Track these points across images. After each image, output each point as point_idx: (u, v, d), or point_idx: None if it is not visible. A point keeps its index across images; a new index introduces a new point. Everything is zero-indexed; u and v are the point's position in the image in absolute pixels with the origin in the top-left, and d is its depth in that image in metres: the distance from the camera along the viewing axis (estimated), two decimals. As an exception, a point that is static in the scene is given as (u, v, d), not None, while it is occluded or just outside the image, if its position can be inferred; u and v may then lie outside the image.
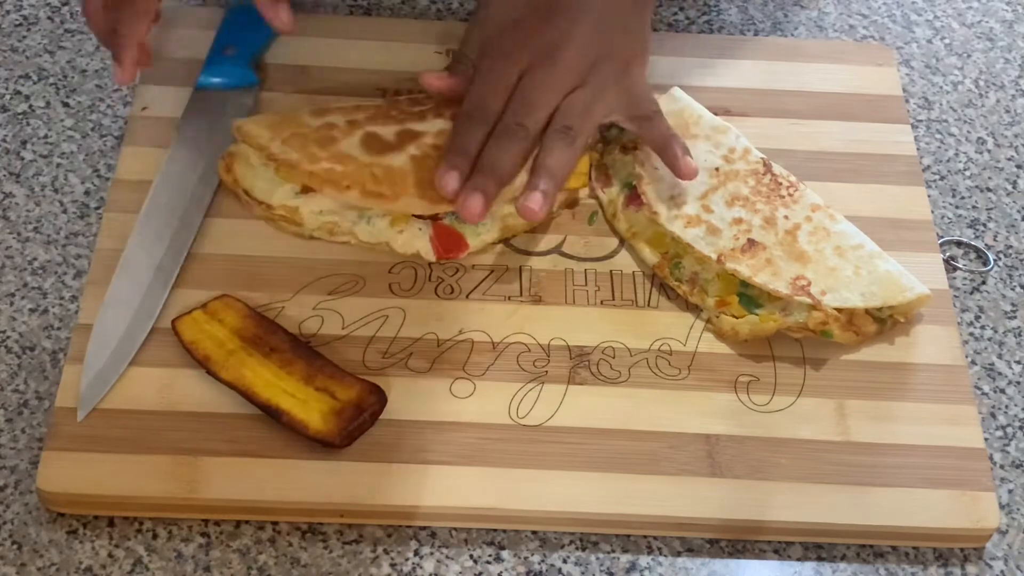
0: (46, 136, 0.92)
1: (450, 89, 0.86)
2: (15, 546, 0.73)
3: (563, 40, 0.84)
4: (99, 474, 0.73)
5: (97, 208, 0.88)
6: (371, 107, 0.86)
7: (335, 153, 0.82)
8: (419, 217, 0.83)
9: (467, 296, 0.83)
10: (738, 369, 0.81)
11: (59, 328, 0.82)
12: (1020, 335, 0.86)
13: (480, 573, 0.74)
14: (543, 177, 0.81)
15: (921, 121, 0.98)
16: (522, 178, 0.82)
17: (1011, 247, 0.91)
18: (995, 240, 0.91)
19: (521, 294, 0.83)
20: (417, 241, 0.83)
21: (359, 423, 0.75)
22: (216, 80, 0.91)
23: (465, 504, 0.74)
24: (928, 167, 0.95)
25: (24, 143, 0.91)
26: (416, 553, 0.74)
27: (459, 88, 0.86)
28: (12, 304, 0.83)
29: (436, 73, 0.88)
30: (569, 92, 0.84)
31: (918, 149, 0.94)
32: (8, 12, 1.00)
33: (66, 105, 0.94)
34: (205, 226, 0.84)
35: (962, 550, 0.76)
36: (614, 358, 0.81)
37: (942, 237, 0.90)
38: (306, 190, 0.82)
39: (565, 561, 0.74)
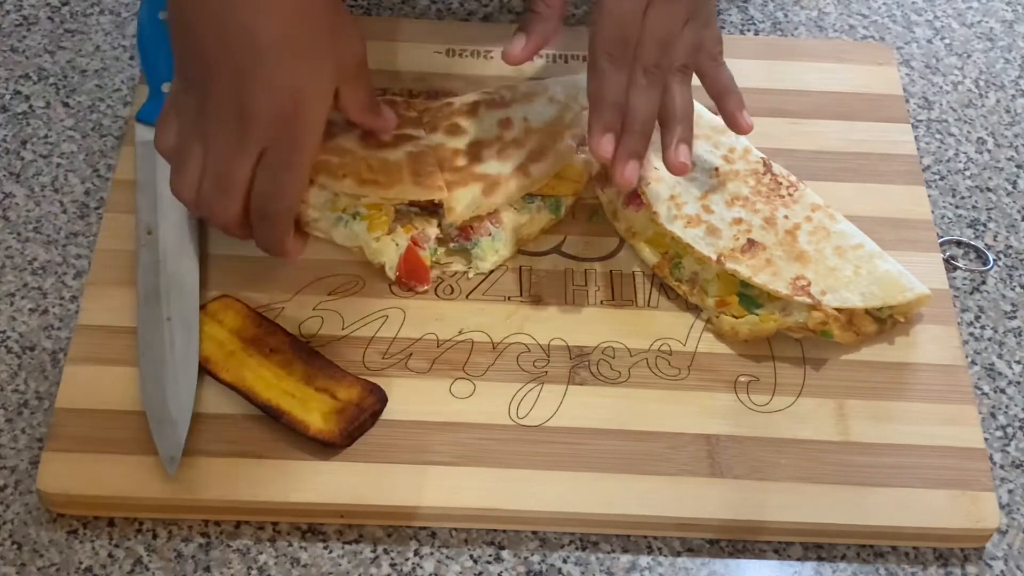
0: (46, 136, 0.92)
1: (542, 47, 0.82)
2: (15, 546, 0.73)
3: None
4: (99, 474, 0.73)
5: (97, 208, 0.88)
6: None
7: (332, 147, 0.82)
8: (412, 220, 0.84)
9: (467, 296, 0.83)
10: (738, 369, 0.81)
11: (59, 328, 0.82)
12: (1020, 335, 0.86)
13: (480, 573, 0.74)
14: (682, 124, 0.79)
15: (921, 121, 0.98)
16: (520, 181, 0.83)
17: (1011, 247, 0.91)
18: (995, 240, 0.91)
19: (521, 294, 0.83)
20: (387, 254, 0.82)
21: (359, 423, 0.75)
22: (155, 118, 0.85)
23: (465, 504, 0.74)
24: (928, 167, 0.95)
25: (24, 143, 0.91)
26: (416, 553, 0.74)
27: (551, 40, 0.81)
28: (12, 304, 0.83)
29: (515, 44, 0.81)
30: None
31: (918, 149, 0.94)
32: (8, 12, 1.00)
33: (66, 105, 0.94)
34: (205, 227, 0.84)
35: (962, 550, 0.76)
36: (614, 358, 0.81)
37: (942, 237, 0.90)
38: None
39: (565, 561, 0.74)
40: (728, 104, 0.83)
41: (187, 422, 0.74)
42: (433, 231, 0.83)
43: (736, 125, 0.83)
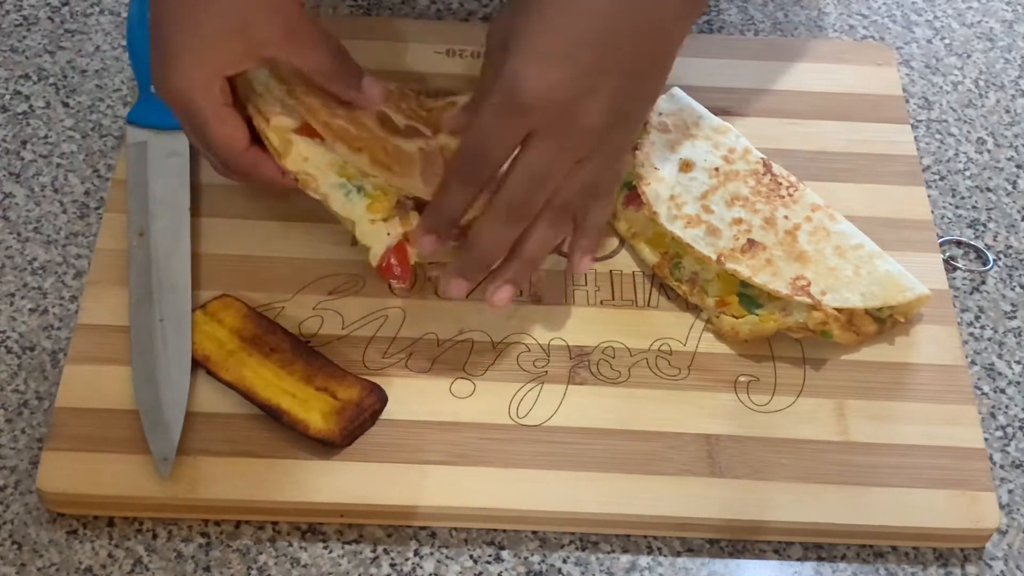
0: (46, 136, 0.92)
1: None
2: (15, 546, 0.73)
3: (586, 100, 0.69)
4: (99, 474, 0.73)
5: (97, 208, 0.88)
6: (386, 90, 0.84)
7: (353, 118, 0.80)
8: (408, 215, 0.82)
9: (467, 296, 0.83)
10: (738, 369, 0.81)
11: (59, 328, 0.82)
12: (1020, 335, 0.86)
13: (480, 573, 0.74)
14: (519, 264, 0.76)
15: (921, 121, 0.98)
16: None
17: (1011, 247, 0.91)
18: (995, 240, 0.91)
19: (521, 294, 0.83)
20: (376, 239, 0.80)
21: (359, 423, 0.75)
22: (145, 119, 0.88)
23: (465, 504, 0.74)
24: (928, 167, 0.95)
25: (24, 143, 0.91)
26: (416, 553, 0.74)
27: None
28: (12, 304, 0.83)
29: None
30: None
31: (918, 149, 0.94)
32: (8, 12, 1.00)
33: (66, 105, 0.94)
34: (205, 226, 0.85)
35: (962, 550, 0.76)
36: (614, 358, 0.81)
37: (942, 237, 0.90)
38: (303, 133, 0.80)
39: (565, 561, 0.74)
40: (575, 247, 0.78)
41: (180, 423, 0.74)
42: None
43: (571, 266, 0.79)
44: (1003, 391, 0.84)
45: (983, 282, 0.89)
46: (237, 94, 0.78)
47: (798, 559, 0.75)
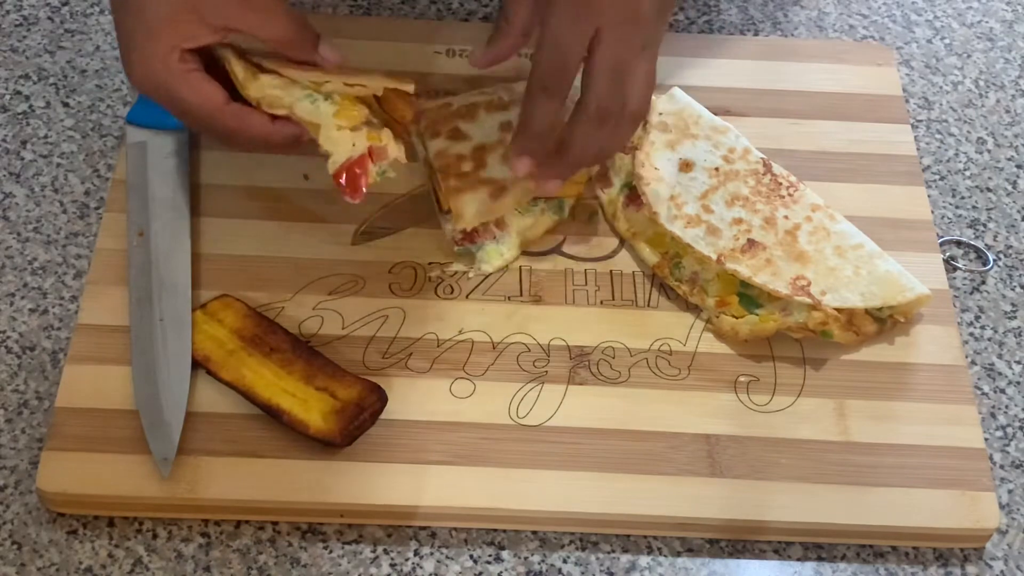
0: (46, 136, 0.92)
1: (501, 60, 0.82)
2: (15, 546, 0.73)
3: None
4: (99, 474, 0.73)
5: (97, 208, 0.88)
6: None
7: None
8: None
9: (467, 296, 0.83)
10: (738, 369, 0.81)
11: (59, 328, 0.82)
12: (1020, 335, 0.86)
13: (480, 573, 0.74)
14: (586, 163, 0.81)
15: (921, 121, 0.98)
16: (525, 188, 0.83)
17: (1011, 247, 0.91)
18: (995, 240, 0.91)
19: (521, 294, 0.83)
20: (339, 147, 0.77)
21: (359, 422, 0.75)
22: (144, 119, 0.89)
23: (465, 504, 0.74)
24: (928, 167, 0.95)
25: (24, 143, 0.91)
26: (416, 553, 0.74)
27: (509, 55, 0.82)
28: (12, 304, 0.83)
29: (482, 51, 0.82)
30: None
31: (918, 149, 0.94)
32: (8, 12, 1.00)
33: (66, 105, 0.94)
34: (205, 226, 0.85)
35: (962, 550, 0.76)
36: (614, 358, 0.81)
37: (942, 237, 0.90)
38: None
39: (565, 561, 0.74)
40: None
41: (180, 423, 0.74)
42: (395, 153, 0.78)
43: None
44: (1003, 391, 0.84)
45: (983, 282, 0.89)
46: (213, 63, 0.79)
47: (798, 559, 0.75)
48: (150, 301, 0.79)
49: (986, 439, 0.80)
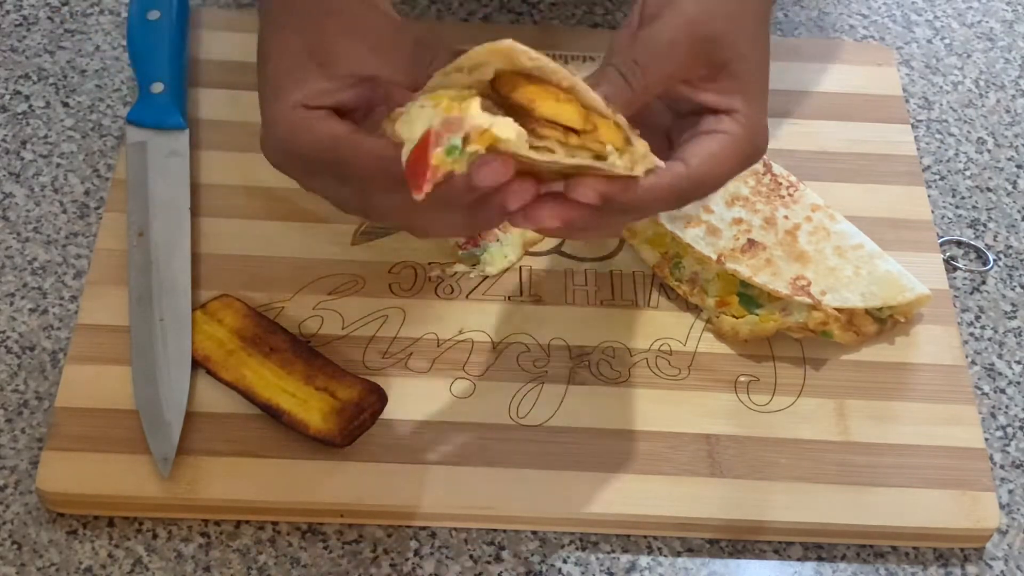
0: (46, 136, 0.92)
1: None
2: (15, 546, 0.73)
3: None
4: (99, 474, 0.73)
5: (97, 208, 0.88)
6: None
7: None
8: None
9: (467, 296, 0.83)
10: (738, 369, 0.81)
11: (59, 328, 0.82)
12: (1020, 335, 0.86)
13: (480, 573, 0.74)
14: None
15: (921, 121, 0.98)
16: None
17: (1011, 247, 0.91)
18: (995, 240, 0.91)
19: (521, 294, 0.83)
20: (416, 126, 0.56)
21: (359, 422, 0.75)
22: (144, 119, 0.88)
23: (465, 504, 0.74)
24: (928, 167, 0.95)
25: (24, 143, 0.91)
26: (416, 553, 0.74)
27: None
28: (12, 304, 0.83)
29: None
30: None
31: (918, 149, 0.94)
32: (8, 12, 1.00)
33: (66, 105, 0.94)
34: (205, 226, 0.84)
35: (962, 550, 0.76)
36: (614, 358, 0.81)
37: (942, 237, 0.90)
38: None
39: (565, 561, 0.74)
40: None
41: (180, 423, 0.74)
42: (478, 121, 0.55)
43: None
44: (1003, 391, 0.83)
45: (983, 282, 0.89)
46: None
47: (798, 559, 0.75)
48: (150, 301, 0.79)
49: (986, 439, 0.80)
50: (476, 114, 0.55)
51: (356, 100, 0.68)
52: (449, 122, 0.55)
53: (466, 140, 0.54)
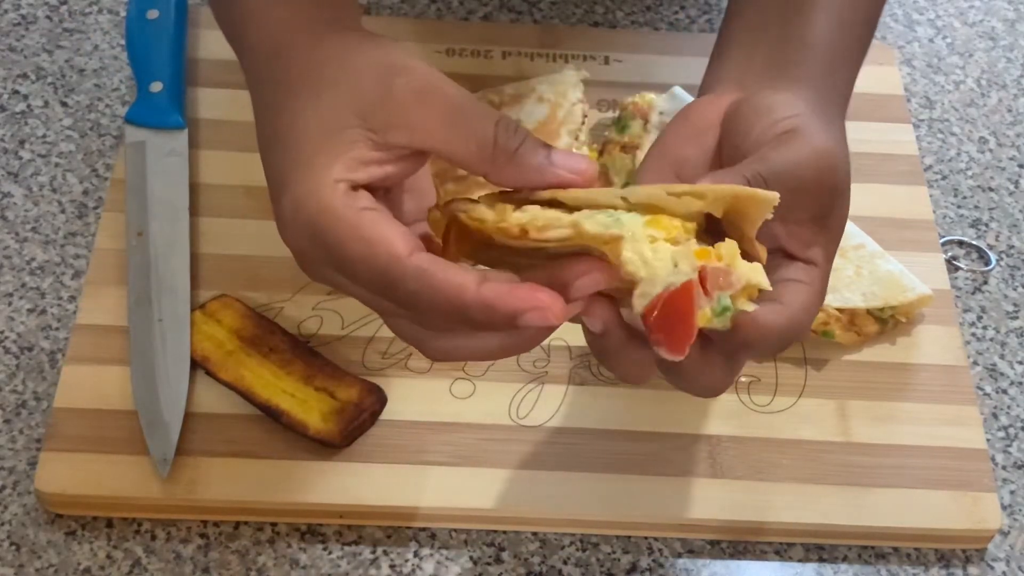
0: (44, 136, 0.92)
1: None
2: (13, 547, 0.73)
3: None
4: (98, 475, 0.73)
5: (95, 208, 0.87)
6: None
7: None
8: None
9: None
10: (739, 369, 0.80)
11: (57, 328, 0.81)
12: (1022, 335, 0.86)
13: (480, 574, 0.74)
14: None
15: (923, 120, 0.98)
16: None
17: (1013, 247, 0.91)
18: (997, 240, 0.91)
19: (521, 294, 0.83)
20: (657, 269, 0.51)
21: (359, 423, 0.75)
22: (143, 119, 0.88)
23: (465, 505, 0.74)
24: (930, 167, 0.95)
25: (22, 143, 0.91)
26: (416, 554, 0.74)
27: None
28: (10, 304, 0.83)
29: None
30: None
31: (920, 149, 0.94)
32: (6, 11, 0.99)
33: (64, 105, 0.93)
34: (204, 226, 0.84)
35: (964, 551, 0.76)
36: (615, 358, 0.80)
37: (944, 237, 0.90)
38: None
39: (565, 562, 0.74)
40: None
41: (179, 423, 0.74)
42: (748, 277, 0.52)
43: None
44: (1005, 392, 0.83)
45: (985, 282, 0.89)
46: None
47: (799, 560, 0.75)
48: (149, 301, 0.79)
49: (988, 440, 0.80)
50: (745, 266, 0.50)
51: (399, 176, 0.58)
52: (716, 273, 0.49)
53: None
